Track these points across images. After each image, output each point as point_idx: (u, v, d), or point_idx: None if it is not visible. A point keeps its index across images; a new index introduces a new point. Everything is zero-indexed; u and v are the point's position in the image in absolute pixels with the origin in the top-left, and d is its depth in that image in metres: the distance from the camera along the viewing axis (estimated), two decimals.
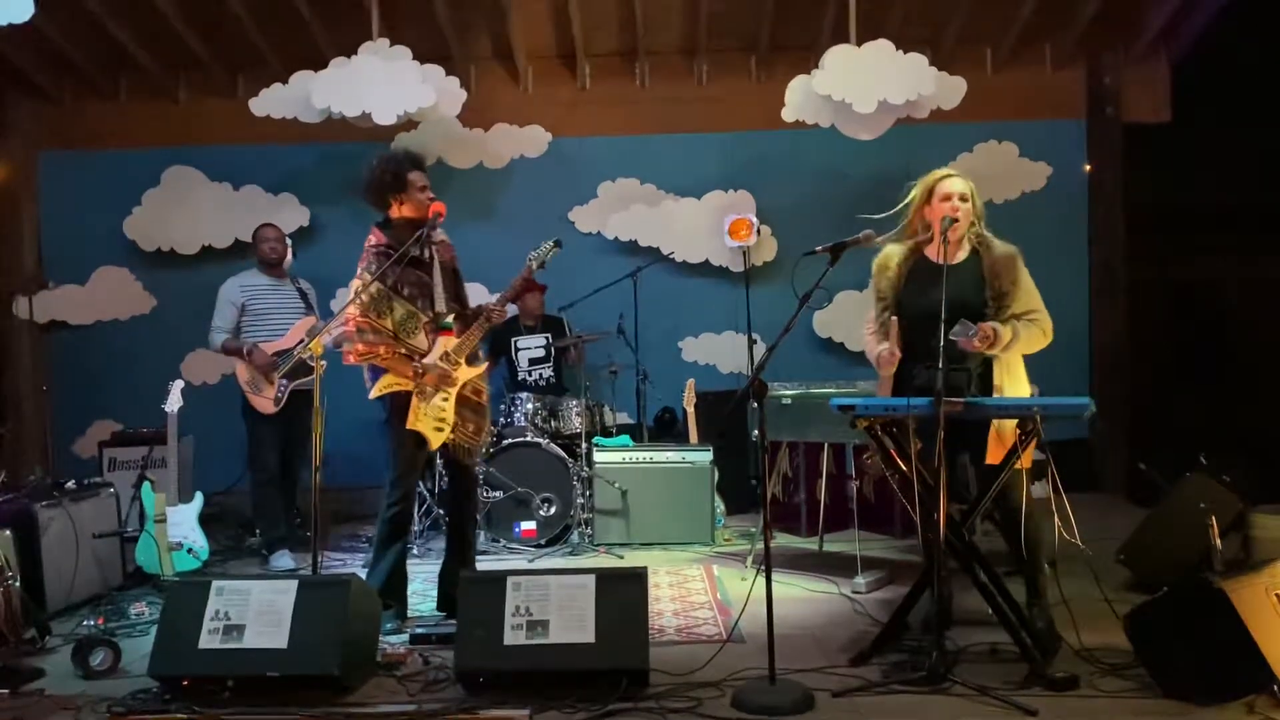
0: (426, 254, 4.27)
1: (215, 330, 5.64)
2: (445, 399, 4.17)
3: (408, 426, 4.15)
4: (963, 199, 3.82)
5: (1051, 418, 3.49)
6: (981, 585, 3.64)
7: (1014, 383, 3.77)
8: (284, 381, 5.43)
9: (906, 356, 3.73)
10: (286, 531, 5.65)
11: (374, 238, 4.24)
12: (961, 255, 3.86)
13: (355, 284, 4.18)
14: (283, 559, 5.49)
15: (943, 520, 3.42)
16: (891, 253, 3.95)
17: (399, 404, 4.19)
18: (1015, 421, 3.60)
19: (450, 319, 4.20)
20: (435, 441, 4.19)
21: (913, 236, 3.91)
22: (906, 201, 3.93)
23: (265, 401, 5.49)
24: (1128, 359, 7.46)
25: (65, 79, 7.59)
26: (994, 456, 3.69)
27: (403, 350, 4.18)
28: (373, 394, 4.24)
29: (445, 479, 5.36)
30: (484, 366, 4.33)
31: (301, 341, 5.29)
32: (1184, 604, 3.26)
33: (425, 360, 4.16)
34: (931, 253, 3.86)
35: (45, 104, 7.64)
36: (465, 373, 4.23)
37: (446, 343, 4.16)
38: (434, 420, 4.16)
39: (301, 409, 5.40)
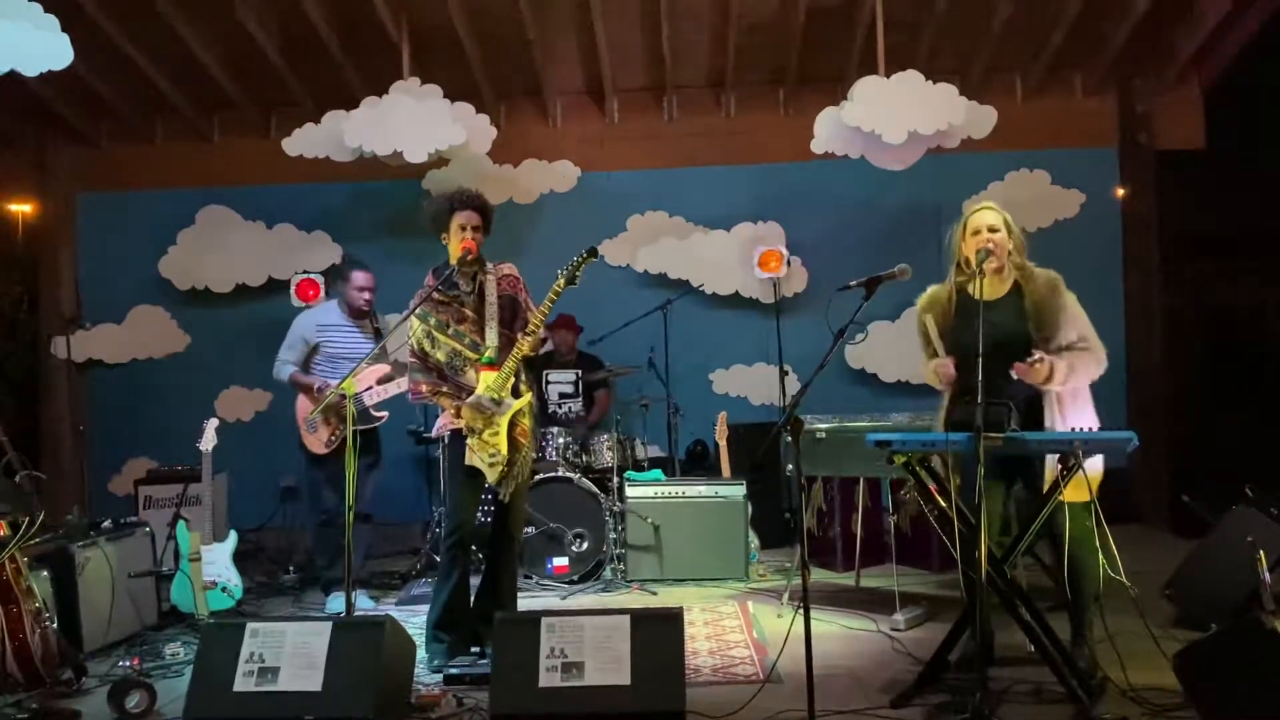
0: (475, 291, 4.26)
1: (281, 362, 5.54)
2: (495, 433, 4.16)
3: (465, 462, 4.18)
4: (993, 230, 3.77)
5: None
6: (1024, 623, 3.57)
7: (1071, 418, 3.68)
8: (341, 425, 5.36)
9: (954, 394, 3.71)
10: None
11: (427, 280, 4.31)
12: (1004, 289, 3.82)
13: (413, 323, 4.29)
14: (339, 601, 5.44)
15: (983, 556, 3.36)
16: (936, 294, 3.92)
17: (454, 441, 4.27)
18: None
19: (490, 353, 4.16)
20: (491, 476, 4.18)
21: (958, 275, 3.87)
22: (949, 242, 3.91)
23: (316, 442, 5.39)
24: (1165, 386, 7.35)
25: (103, 122, 7.74)
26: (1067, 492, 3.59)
27: (444, 389, 4.22)
28: (434, 433, 4.41)
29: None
30: (527, 398, 4.25)
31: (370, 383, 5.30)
32: (1234, 643, 3.17)
33: (468, 399, 4.15)
34: (974, 289, 3.80)
35: (83, 147, 7.79)
36: (509, 405, 4.17)
37: (487, 378, 4.14)
38: (487, 455, 4.16)
39: (361, 452, 5.39)
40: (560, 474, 5.88)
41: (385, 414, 5.44)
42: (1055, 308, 3.70)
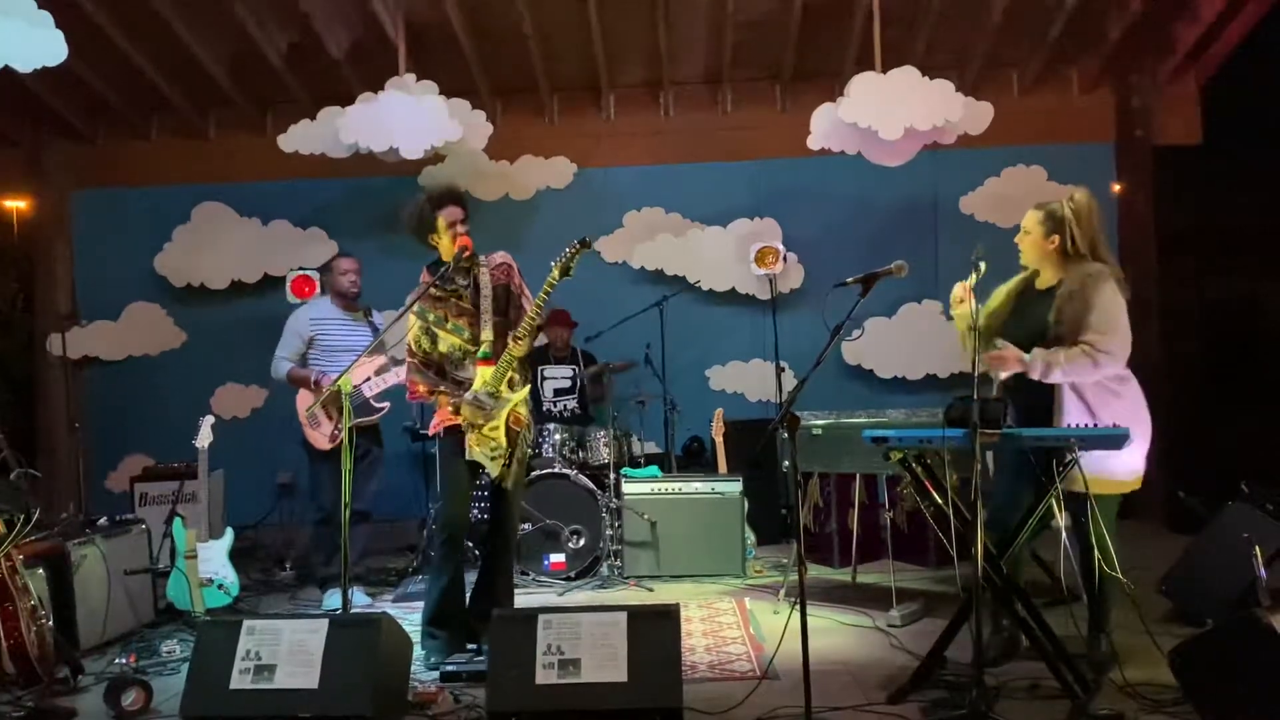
0: (470, 285, 4.24)
1: (279, 359, 5.53)
2: (495, 427, 4.15)
3: (466, 457, 4.17)
4: (1025, 232, 3.98)
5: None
6: (1020, 619, 3.57)
7: (1104, 414, 3.70)
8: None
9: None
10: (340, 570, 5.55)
11: (422, 277, 4.30)
12: (1053, 280, 3.91)
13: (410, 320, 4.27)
14: (335, 598, 5.43)
15: (979, 553, 3.36)
16: (1012, 283, 4.06)
17: (449, 437, 4.24)
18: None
19: (487, 348, 4.15)
20: (494, 469, 4.17)
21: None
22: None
23: (321, 437, 5.36)
24: (1162, 383, 7.34)
25: (98, 119, 7.72)
26: None
27: (442, 388, 4.21)
28: (430, 430, 4.40)
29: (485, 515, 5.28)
30: (525, 391, 4.25)
31: (368, 378, 5.27)
32: (1230, 639, 3.17)
33: (466, 394, 4.15)
34: (1036, 280, 3.98)
35: (79, 144, 7.77)
36: (507, 400, 4.17)
37: (484, 373, 4.14)
38: (489, 449, 4.15)
39: (362, 446, 5.32)
40: (557, 470, 5.88)
41: (387, 404, 5.42)
42: (1078, 303, 3.72)
